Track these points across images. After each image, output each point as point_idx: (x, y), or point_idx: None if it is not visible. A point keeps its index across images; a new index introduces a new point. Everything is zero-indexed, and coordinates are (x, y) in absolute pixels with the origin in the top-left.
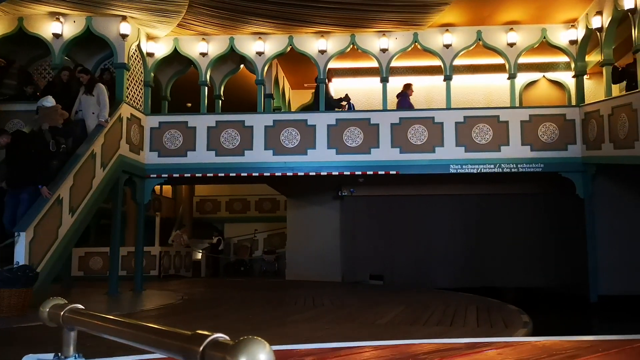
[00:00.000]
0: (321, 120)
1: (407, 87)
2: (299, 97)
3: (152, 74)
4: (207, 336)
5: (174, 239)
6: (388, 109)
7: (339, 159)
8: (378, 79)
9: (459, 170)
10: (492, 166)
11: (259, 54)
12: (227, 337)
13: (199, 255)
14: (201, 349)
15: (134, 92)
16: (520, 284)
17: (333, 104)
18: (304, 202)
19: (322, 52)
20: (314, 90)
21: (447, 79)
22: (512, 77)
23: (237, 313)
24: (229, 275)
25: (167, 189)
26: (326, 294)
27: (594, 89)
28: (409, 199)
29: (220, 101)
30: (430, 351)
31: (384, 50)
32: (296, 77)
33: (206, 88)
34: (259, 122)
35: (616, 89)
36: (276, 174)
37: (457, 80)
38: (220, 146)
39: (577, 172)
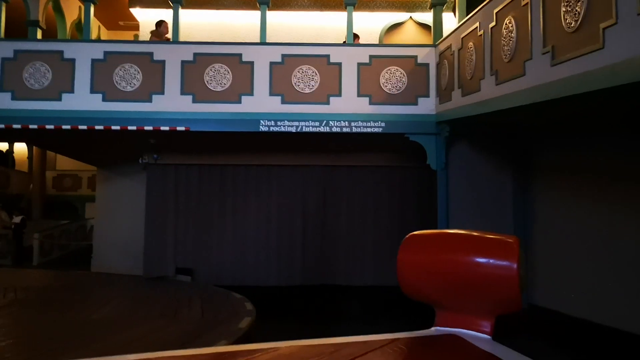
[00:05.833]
0: (82, 54)
1: None
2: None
3: None
4: None
5: None
6: (180, 40)
7: (104, 107)
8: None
9: (272, 128)
10: (318, 124)
11: None
12: None
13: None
14: None
15: None
16: (370, 282)
17: None
18: (113, 174)
19: None
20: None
21: (263, 2)
22: (350, 3)
23: None
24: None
25: (23, 160)
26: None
27: None
28: (233, 170)
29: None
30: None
31: None
32: (107, 13)
33: None
34: None
35: None
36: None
37: (301, 17)
38: None
39: (429, 134)
